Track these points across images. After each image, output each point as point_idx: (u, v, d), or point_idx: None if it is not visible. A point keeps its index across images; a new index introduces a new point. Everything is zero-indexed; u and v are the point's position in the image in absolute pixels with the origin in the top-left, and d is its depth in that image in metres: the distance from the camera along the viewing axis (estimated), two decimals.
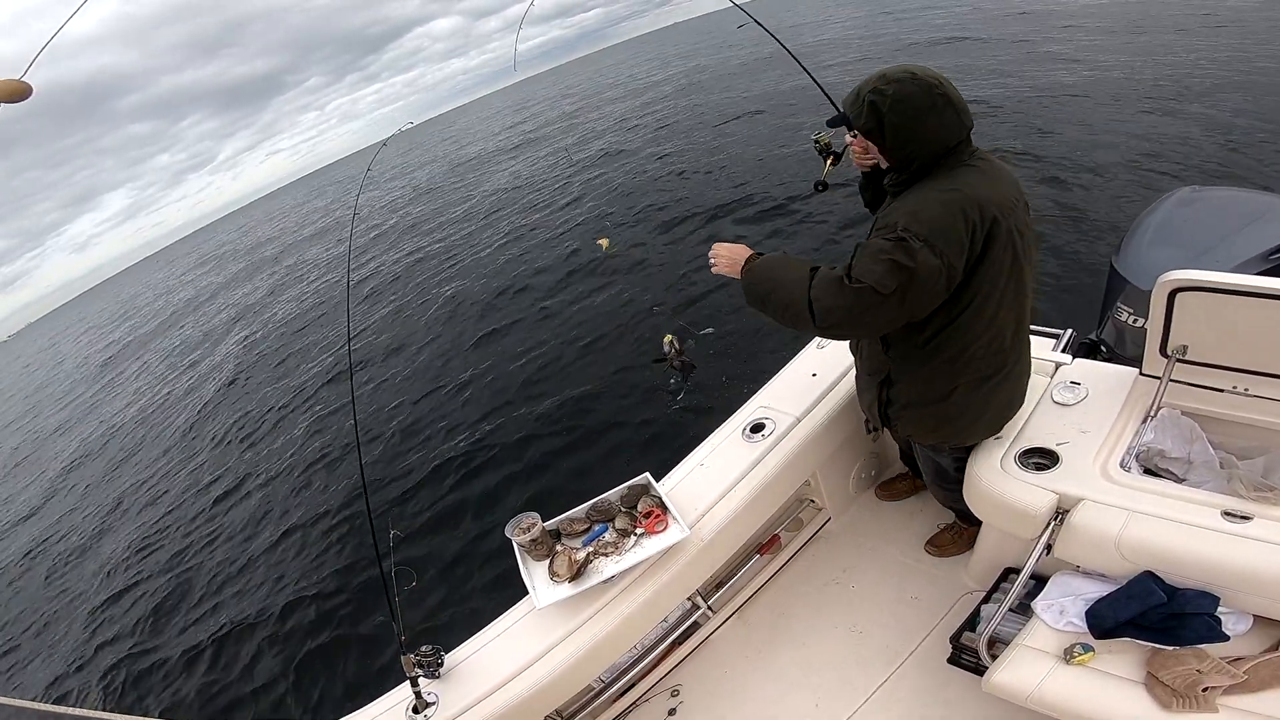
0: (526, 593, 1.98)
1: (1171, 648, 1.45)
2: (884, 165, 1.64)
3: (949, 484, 2.05)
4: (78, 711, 1.15)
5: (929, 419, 1.83)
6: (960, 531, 2.37)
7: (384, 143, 3.30)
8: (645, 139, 17.02)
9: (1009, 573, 2.01)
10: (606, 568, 1.98)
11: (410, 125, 4.86)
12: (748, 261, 1.70)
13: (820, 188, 2.31)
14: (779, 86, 16.97)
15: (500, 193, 17.46)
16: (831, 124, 1.74)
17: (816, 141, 2.27)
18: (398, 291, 12.26)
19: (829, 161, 2.26)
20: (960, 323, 1.59)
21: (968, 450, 1.92)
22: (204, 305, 22.69)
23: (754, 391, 2.55)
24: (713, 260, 1.78)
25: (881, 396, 1.87)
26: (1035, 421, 1.92)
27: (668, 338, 2.40)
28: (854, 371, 2.14)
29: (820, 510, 2.65)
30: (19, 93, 1.21)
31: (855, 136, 1.65)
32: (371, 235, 18.37)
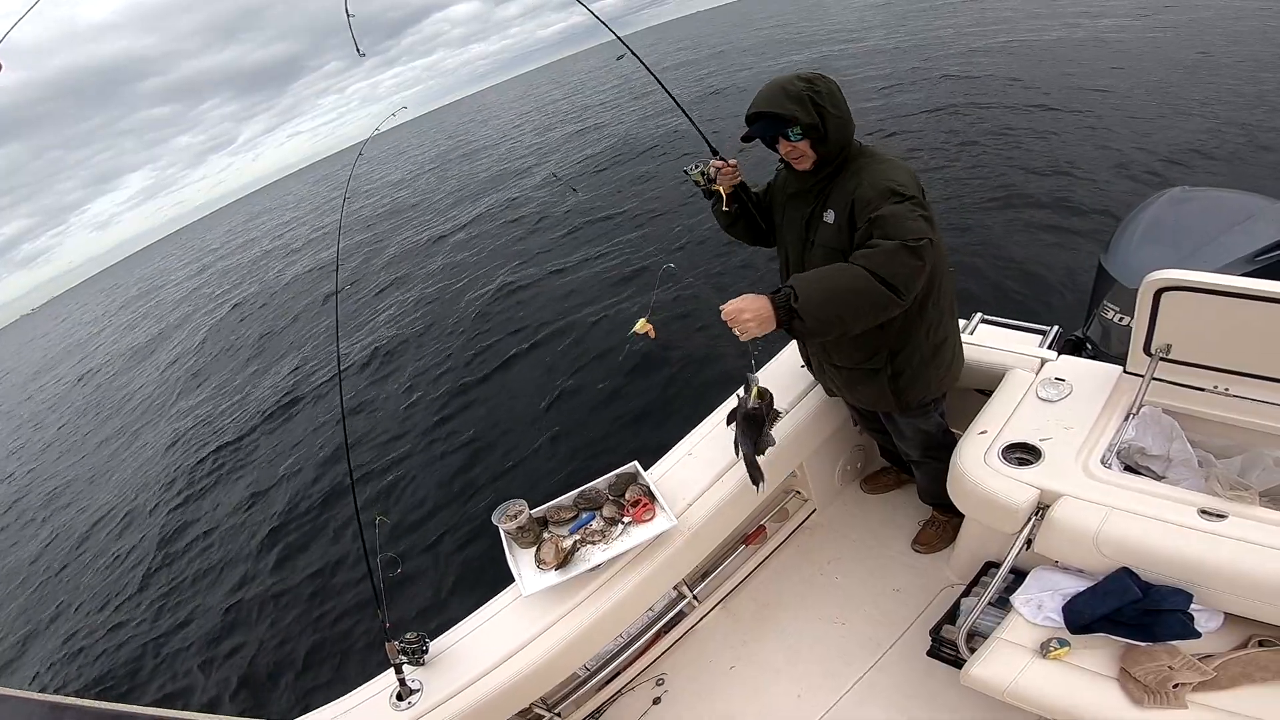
0: (513, 580, 1.98)
1: (1145, 644, 1.47)
2: (804, 167, 1.74)
3: (937, 449, 2.09)
4: (58, 699, 1.15)
5: (937, 369, 1.93)
6: (943, 525, 2.40)
7: (377, 128, 3.37)
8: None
9: (989, 566, 2.04)
10: (593, 556, 1.99)
11: (405, 108, 4.90)
12: (783, 304, 1.48)
13: (728, 208, 2.00)
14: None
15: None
16: (760, 135, 1.72)
17: (702, 175, 1.97)
18: (398, 276, 12.21)
19: (722, 189, 1.97)
20: (937, 271, 1.74)
21: (942, 399, 2.06)
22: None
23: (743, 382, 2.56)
24: (740, 329, 1.50)
25: (891, 370, 1.89)
26: (1019, 417, 1.94)
27: (756, 386, 1.80)
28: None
29: (806, 502, 2.67)
30: None
31: (792, 139, 1.67)
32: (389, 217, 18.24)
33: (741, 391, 1.85)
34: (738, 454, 1.94)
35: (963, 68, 12.85)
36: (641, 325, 1.84)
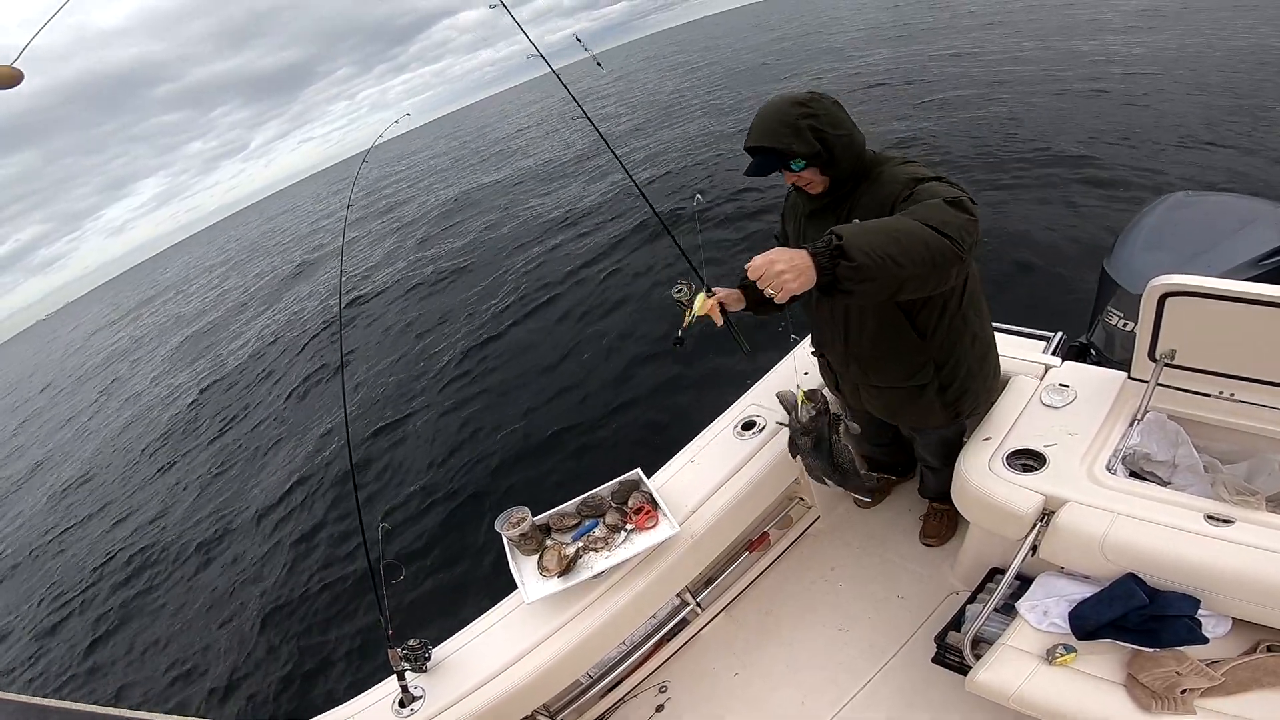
0: (515, 587, 1.98)
1: (1152, 650, 1.46)
2: (818, 191, 1.66)
3: (956, 454, 2.01)
4: (64, 704, 1.15)
5: (984, 379, 1.89)
6: (943, 515, 2.40)
7: (380, 135, 3.38)
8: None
9: (994, 573, 2.03)
10: (596, 563, 1.99)
11: (408, 115, 4.91)
12: (823, 249, 1.24)
13: (679, 344, 1.96)
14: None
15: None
16: (761, 170, 1.60)
17: (679, 300, 1.92)
18: (400, 271, 12.26)
19: (688, 315, 1.93)
20: (971, 279, 1.71)
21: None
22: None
23: (747, 388, 2.56)
24: (774, 287, 1.24)
25: (939, 383, 1.81)
26: (1024, 423, 1.93)
27: (802, 394, 1.78)
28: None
29: (809, 508, 2.66)
30: (11, 79, 1.21)
31: (796, 169, 1.59)
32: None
33: (784, 414, 1.77)
34: (825, 482, 1.85)
35: (966, 67, 12.90)
36: (701, 305, 1.62)
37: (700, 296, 1.68)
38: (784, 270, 1.22)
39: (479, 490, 5.28)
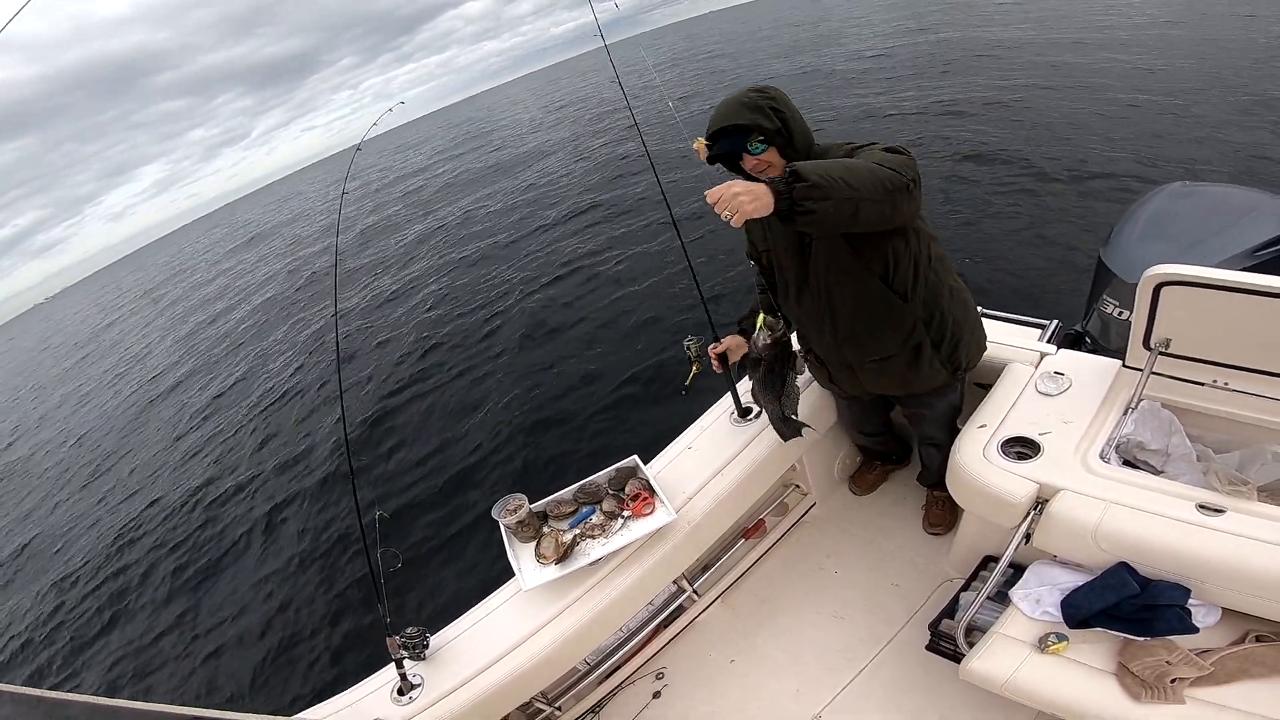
0: (513, 574, 1.99)
1: (1142, 639, 1.48)
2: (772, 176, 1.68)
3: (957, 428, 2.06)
4: (69, 696, 1.15)
5: (971, 328, 1.93)
6: (945, 502, 2.41)
7: (374, 123, 3.35)
8: None
9: (988, 560, 2.04)
10: (593, 550, 2.00)
11: (402, 104, 4.84)
12: (780, 180, 1.31)
13: (684, 392, 2.24)
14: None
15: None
16: (723, 151, 1.65)
17: (688, 352, 2.18)
18: (397, 268, 12.19)
19: (696, 366, 2.19)
20: (933, 240, 1.77)
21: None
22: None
23: (744, 375, 2.56)
24: (731, 209, 1.29)
25: (931, 338, 1.83)
26: (1019, 411, 1.93)
27: (762, 319, 1.79)
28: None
29: (805, 495, 2.67)
30: None
31: (756, 153, 1.62)
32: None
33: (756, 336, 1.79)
34: (760, 405, 1.91)
35: (968, 60, 12.84)
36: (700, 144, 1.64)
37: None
38: (740, 193, 1.29)
39: (476, 478, 5.29)
